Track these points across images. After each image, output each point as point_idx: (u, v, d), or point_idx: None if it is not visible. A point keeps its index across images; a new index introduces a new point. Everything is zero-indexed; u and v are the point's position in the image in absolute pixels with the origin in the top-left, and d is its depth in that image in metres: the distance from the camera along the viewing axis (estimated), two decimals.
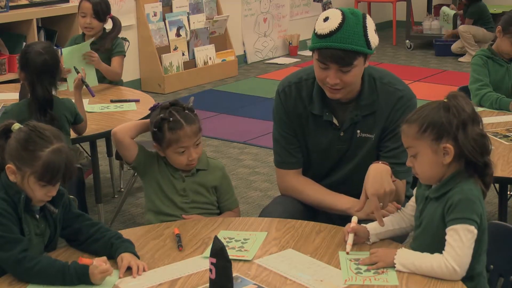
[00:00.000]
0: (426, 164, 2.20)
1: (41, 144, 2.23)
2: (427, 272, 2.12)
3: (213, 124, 6.23)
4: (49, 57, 3.33)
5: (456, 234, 2.10)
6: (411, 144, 2.22)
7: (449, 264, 2.09)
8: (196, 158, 2.76)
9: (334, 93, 2.61)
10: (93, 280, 2.14)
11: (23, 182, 2.24)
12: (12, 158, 2.25)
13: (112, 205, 4.62)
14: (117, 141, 2.80)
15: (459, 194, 2.14)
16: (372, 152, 2.71)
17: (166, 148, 2.74)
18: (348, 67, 2.53)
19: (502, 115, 3.68)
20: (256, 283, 2.13)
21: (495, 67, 3.97)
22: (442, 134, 2.16)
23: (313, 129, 2.74)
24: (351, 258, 2.24)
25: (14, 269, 2.19)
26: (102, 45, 4.60)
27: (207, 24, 7.94)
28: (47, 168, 2.21)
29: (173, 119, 2.72)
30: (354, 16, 2.53)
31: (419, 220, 2.28)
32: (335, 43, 2.50)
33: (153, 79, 7.43)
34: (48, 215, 2.33)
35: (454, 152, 2.16)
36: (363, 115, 2.67)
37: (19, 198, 2.24)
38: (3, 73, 5.80)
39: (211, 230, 2.49)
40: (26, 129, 2.27)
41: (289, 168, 2.80)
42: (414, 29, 9.53)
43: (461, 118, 2.15)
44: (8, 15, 5.85)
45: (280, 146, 2.81)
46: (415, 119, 2.20)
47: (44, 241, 2.33)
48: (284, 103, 2.76)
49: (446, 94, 2.23)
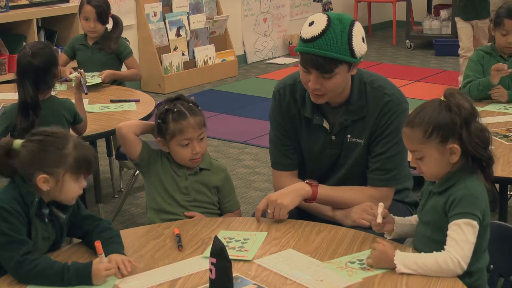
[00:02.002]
0: (433, 164, 2.20)
1: (61, 142, 2.27)
2: (431, 268, 2.10)
3: (213, 124, 6.22)
4: (36, 59, 3.27)
5: (459, 228, 2.11)
6: (416, 148, 2.21)
7: (454, 258, 2.09)
8: (200, 153, 2.75)
9: (316, 98, 2.59)
10: (95, 277, 2.14)
11: (57, 186, 2.26)
12: (39, 167, 2.24)
13: (112, 205, 4.62)
14: (121, 135, 2.80)
15: (462, 189, 2.15)
16: (363, 157, 2.69)
17: (170, 140, 2.74)
18: (328, 74, 2.50)
19: (502, 115, 3.68)
20: (256, 283, 2.13)
21: (491, 63, 3.97)
22: (448, 135, 2.16)
23: (305, 132, 2.73)
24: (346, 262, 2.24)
25: (14, 271, 2.19)
26: (107, 45, 4.61)
27: (207, 24, 7.94)
28: (80, 160, 2.27)
29: (177, 109, 2.73)
30: (340, 23, 2.48)
31: (421, 214, 2.28)
32: (316, 49, 2.46)
33: (153, 79, 7.43)
34: (55, 219, 2.34)
35: (460, 151, 2.16)
36: (353, 120, 2.65)
37: (31, 201, 2.24)
38: (3, 73, 5.81)
39: (211, 230, 2.49)
40: (36, 138, 2.28)
41: (284, 169, 2.80)
42: (414, 29, 9.53)
43: (463, 116, 2.16)
44: (8, 15, 5.85)
45: (275, 148, 2.81)
46: (418, 123, 2.18)
47: (49, 244, 2.34)
48: (279, 105, 2.75)
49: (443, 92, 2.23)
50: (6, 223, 2.19)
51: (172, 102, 2.78)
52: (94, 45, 4.65)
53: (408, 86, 7.31)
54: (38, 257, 2.20)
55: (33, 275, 2.16)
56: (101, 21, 4.61)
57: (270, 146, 2.84)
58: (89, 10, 4.60)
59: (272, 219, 2.53)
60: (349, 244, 2.36)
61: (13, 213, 2.20)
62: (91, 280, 2.14)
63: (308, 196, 2.60)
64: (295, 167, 2.80)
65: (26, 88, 3.25)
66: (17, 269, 2.17)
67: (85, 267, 2.16)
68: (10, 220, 2.19)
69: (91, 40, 4.66)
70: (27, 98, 3.25)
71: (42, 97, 3.34)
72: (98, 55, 4.63)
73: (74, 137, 2.34)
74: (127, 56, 4.69)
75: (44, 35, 6.14)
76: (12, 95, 4.04)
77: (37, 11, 6.04)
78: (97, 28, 4.61)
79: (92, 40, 4.66)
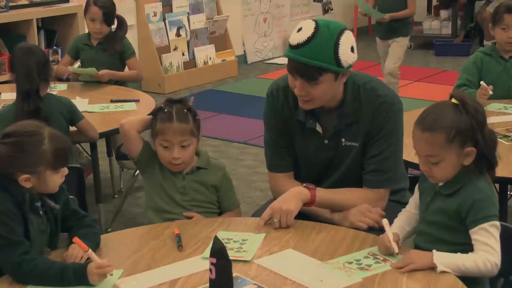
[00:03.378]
0: (449, 168, 2.20)
1: (36, 140, 2.26)
2: (471, 270, 2.12)
3: (213, 124, 6.23)
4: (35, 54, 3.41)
5: (487, 232, 2.14)
6: (435, 153, 2.19)
7: (492, 262, 2.12)
8: (180, 160, 2.74)
9: (303, 103, 2.59)
10: (90, 277, 2.13)
11: (40, 182, 2.26)
12: (18, 168, 2.24)
13: (112, 205, 4.62)
14: (124, 132, 2.81)
15: (478, 192, 2.18)
16: (358, 160, 2.68)
17: (155, 137, 2.76)
18: (313, 81, 2.48)
19: (502, 115, 3.67)
20: (256, 283, 2.13)
21: (491, 65, 3.96)
22: (466, 139, 2.17)
23: (299, 135, 2.72)
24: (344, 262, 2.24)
25: (13, 272, 2.19)
26: (111, 46, 4.61)
27: (207, 24, 7.95)
28: (57, 154, 2.27)
29: (167, 111, 2.74)
30: (328, 31, 2.46)
31: (426, 214, 2.28)
32: (300, 56, 2.45)
33: (153, 79, 7.43)
34: (49, 211, 2.34)
35: (476, 153, 2.18)
36: (347, 124, 2.64)
37: (23, 198, 2.24)
38: (3, 73, 5.80)
39: (211, 230, 2.49)
40: (9, 140, 2.26)
41: (280, 171, 2.79)
42: (414, 29, 9.52)
43: (479, 119, 2.18)
44: (8, 15, 5.85)
45: (270, 149, 2.80)
46: (439, 127, 2.16)
47: (47, 237, 2.34)
48: (273, 106, 2.74)
49: (449, 95, 2.23)
50: (2, 225, 2.19)
51: (170, 104, 2.78)
52: (99, 45, 4.65)
53: (408, 86, 7.31)
54: (35, 257, 2.20)
55: (32, 275, 2.16)
56: (107, 23, 4.61)
57: (266, 148, 2.83)
58: (96, 11, 4.59)
59: (279, 228, 2.49)
60: (349, 244, 2.35)
61: (8, 214, 2.20)
62: (88, 280, 2.14)
63: (307, 200, 2.59)
64: (290, 168, 2.79)
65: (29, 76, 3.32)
66: (16, 270, 2.17)
67: (82, 267, 2.16)
68: (5, 221, 2.19)
69: (95, 40, 4.66)
70: (33, 85, 3.33)
71: (41, 93, 3.36)
72: (102, 55, 4.63)
73: (47, 129, 2.31)
74: (130, 56, 4.69)
75: (44, 35, 6.13)
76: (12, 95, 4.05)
77: (37, 11, 6.04)
78: (102, 29, 4.61)
79: (96, 40, 4.66)
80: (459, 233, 2.20)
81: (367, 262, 2.23)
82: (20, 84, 3.35)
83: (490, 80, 3.88)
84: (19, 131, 2.28)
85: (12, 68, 3.47)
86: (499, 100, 3.86)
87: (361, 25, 9.89)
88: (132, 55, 4.71)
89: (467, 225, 2.18)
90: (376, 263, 2.22)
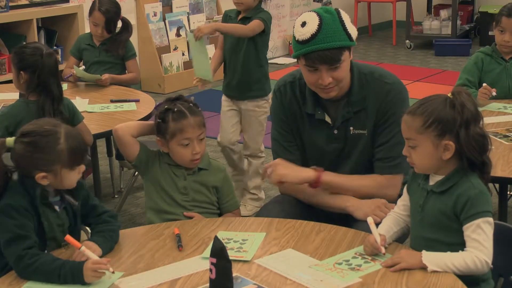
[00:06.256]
0: (425, 156, 2.22)
1: (52, 140, 2.28)
2: (460, 269, 2.12)
3: (213, 124, 6.21)
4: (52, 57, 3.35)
5: (479, 228, 2.14)
6: (412, 136, 2.23)
7: (482, 259, 2.12)
8: (200, 153, 2.76)
9: (328, 92, 2.63)
10: (86, 274, 2.13)
11: (56, 179, 2.29)
12: (35, 167, 2.28)
13: (112, 205, 4.62)
14: (118, 137, 2.81)
15: (472, 189, 2.18)
16: (367, 148, 2.72)
17: (170, 140, 2.74)
18: (337, 64, 2.56)
19: (502, 115, 3.68)
20: (256, 283, 2.13)
21: (491, 66, 3.97)
22: (445, 131, 2.19)
23: (308, 128, 2.76)
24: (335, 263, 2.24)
25: (16, 265, 2.21)
26: (114, 49, 4.60)
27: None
28: (73, 153, 2.30)
29: (177, 109, 2.74)
30: (329, 14, 2.57)
31: (421, 215, 2.28)
32: (320, 44, 2.53)
33: (153, 79, 7.42)
34: (68, 207, 2.38)
35: (454, 149, 2.19)
36: (355, 111, 2.69)
37: (34, 192, 2.28)
38: (3, 73, 5.80)
39: (211, 230, 2.49)
40: (26, 140, 2.29)
41: None
42: (414, 29, 9.53)
43: (465, 116, 2.18)
44: (8, 15, 5.85)
45: (278, 144, 2.82)
46: (420, 113, 2.21)
47: (64, 230, 2.36)
48: (280, 101, 2.78)
49: (451, 89, 2.25)
50: (12, 219, 2.22)
51: (172, 102, 2.78)
52: (101, 45, 4.65)
53: (408, 86, 7.22)
54: (39, 252, 2.22)
55: (32, 269, 2.17)
56: (108, 30, 4.61)
57: (273, 144, 2.85)
58: (99, 17, 4.58)
59: (268, 178, 2.67)
60: (349, 244, 2.35)
61: (19, 210, 2.24)
62: (83, 277, 2.14)
63: (311, 178, 2.65)
64: (299, 163, 2.80)
65: (54, 86, 3.29)
66: (18, 263, 2.19)
67: (79, 264, 2.17)
68: (15, 216, 2.23)
69: (98, 40, 4.66)
70: (60, 88, 3.32)
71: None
72: (104, 56, 4.63)
73: (63, 128, 2.33)
74: (130, 58, 4.69)
75: (44, 35, 6.13)
76: (12, 95, 4.05)
77: (37, 11, 6.03)
78: (104, 34, 4.62)
79: (99, 41, 4.66)
80: (457, 233, 2.20)
81: (357, 262, 2.23)
82: (47, 86, 3.29)
83: (491, 80, 3.90)
84: (36, 130, 2.31)
85: (28, 67, 3.31)
86: (499, 100, 3.86)
87: (361, 25, 9.88)
88: (133, 56, 4.71)
89: (461, 222, 2.19)
90: (366, 263, 2.22)
